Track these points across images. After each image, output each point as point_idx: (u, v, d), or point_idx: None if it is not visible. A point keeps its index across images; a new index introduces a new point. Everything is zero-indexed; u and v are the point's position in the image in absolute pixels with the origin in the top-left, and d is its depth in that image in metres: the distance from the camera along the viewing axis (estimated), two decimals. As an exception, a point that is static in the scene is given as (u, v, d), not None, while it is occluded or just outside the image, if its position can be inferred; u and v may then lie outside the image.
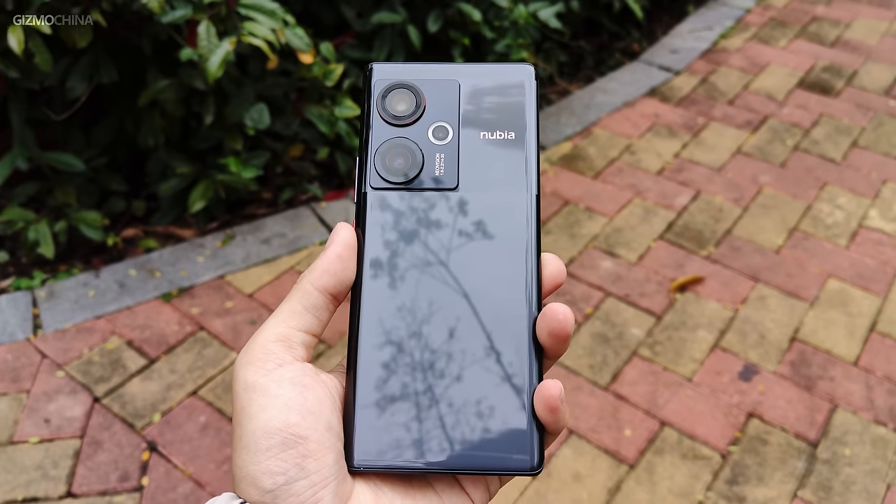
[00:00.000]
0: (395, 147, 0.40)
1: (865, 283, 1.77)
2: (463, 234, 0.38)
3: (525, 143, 0.40)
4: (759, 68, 2.59)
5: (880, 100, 2.45)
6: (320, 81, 1.75)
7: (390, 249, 0.38)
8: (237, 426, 0.34)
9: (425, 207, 0.39)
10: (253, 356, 0.35)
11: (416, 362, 0.37)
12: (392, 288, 0.38)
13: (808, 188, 2.06)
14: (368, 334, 0.37)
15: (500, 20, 2.02)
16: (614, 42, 2.71)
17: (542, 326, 0.37)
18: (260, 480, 0.33)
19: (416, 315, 0.37)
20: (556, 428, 0.36)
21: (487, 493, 0.38)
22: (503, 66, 0.41)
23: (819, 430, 1.46)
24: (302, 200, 1.95)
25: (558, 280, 0.38)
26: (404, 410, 0.36)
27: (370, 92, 0.41)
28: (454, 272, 0.38)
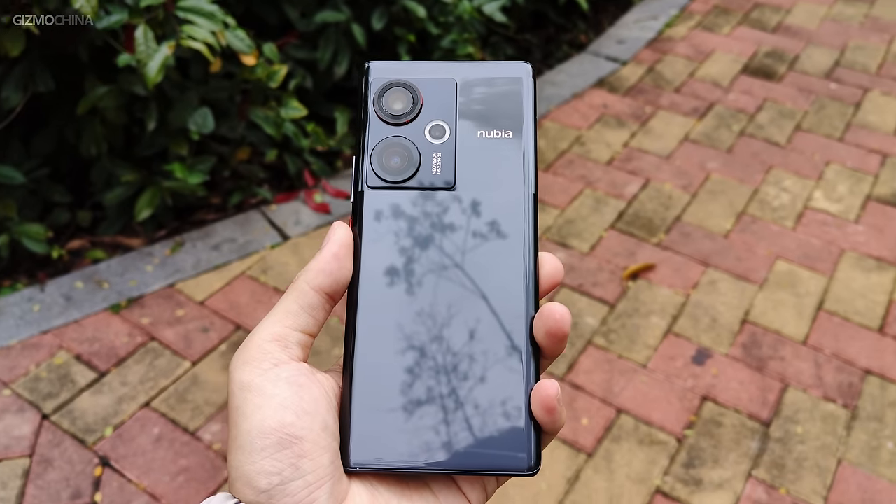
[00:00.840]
0: (391, 146, 0.39)
1: (812, 263, 1.81)
2: (459, 233, 0.38)
3: (522, 141, 0.39)
4: (704, 56, 2.63)
5: (822, 83, 2.50)
6: (264, 83, 1.73)
7: (387, 249, 0.38)
8: (233, 426, 0.34)
9: (422, 206, 0.39)
10: (248, 356, 0.35)
11: (413, 362, 0.37)
12: (388, 287, 0.37)
13: (755, 172, 2.10)
14: (365, 334, 0.37)
15: (444, 16, 2.02)
16: (561, 34, 2.72)
17: (539, 326, 0.36)
18: (255, 480, 0.32)
19: (412, 314, 0.37)
20: (553, 428, 0.36)
21: (484, 493, 0.38)
22: (500, 64, 0.41)
23: (771, 410, 1.49)
24: (251, 204, 1.92)
25: (556, 279, 0.38)
26: (400, 410, 0.36)
27: (367, 91, 0.40)
28: (451, 271, 0.38)
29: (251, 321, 1.61)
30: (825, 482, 1.37)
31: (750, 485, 1.36)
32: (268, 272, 1.73)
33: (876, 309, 1.69)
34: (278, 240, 1.82)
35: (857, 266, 1.80)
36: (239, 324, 1.61)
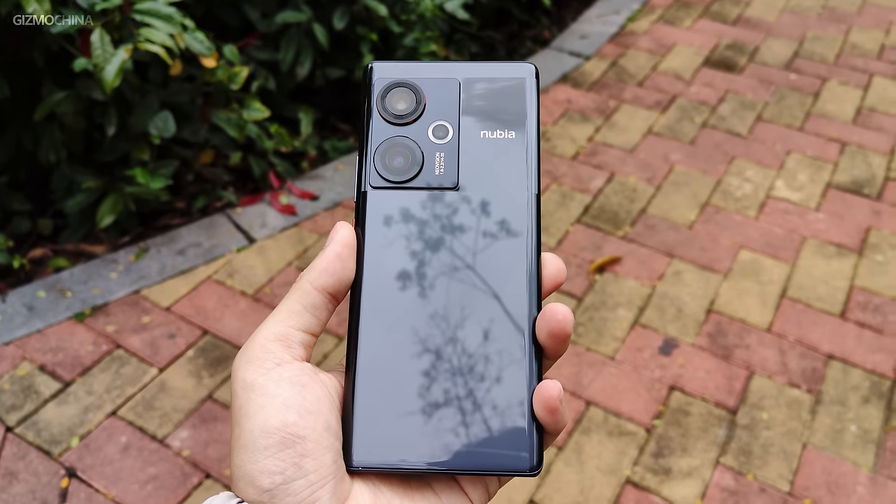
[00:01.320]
0: (394, 146, 0.39)
1: (775, 251, 1.84)
2: (462, 233, 0.38)
3: (525, 142, 0.39)
4: (666, 49, 2.65)
5: (781, 74, 2.54)
6: (226, 85, 1.72)
7: (390, 249, 0.38)
8: (235, 425, 0.34)
9: (425, 207, 0.39)
10: (252, 355, 0.35)
11: (416, 362, 0.37)
12: (391, 287, 0.37)
13: (717, 163, 2.12)
14: (368, 334, 0.37)
15: (406, 14, 2.02)
16: (525, 30, 2.73)
17: (541, 327, 0.36)
18: (258, 480, 0.32)
19: (415, 315, 0.37)
20: (555, 428, 0.36)
21: (486, 493, 0.38)
22: (503, 64, 0.41)
23: (737, 397, 1.51)
24: (217, 208, 1.91)
25: (558, 280, 0.38)
26: (403, 410, 0.36)
27: (370, 91, 0.40)
28: (453, 272, 0.38)
29: (218, 326, 1.60)
30: (791, 466, 1.39)
31: (718, 472, 1.38)
32: (234, 276, 1.72)
33: (837, 295, 1.73)
34: (244, 243, 1.80)
35: (818, 253, 1.83)
36: (206, 329, 1.59)
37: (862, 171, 2.10)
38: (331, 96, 2.21)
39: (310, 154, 2.09)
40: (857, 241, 1.87)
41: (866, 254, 1.84)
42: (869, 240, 1.88)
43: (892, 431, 1.45)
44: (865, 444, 1.43)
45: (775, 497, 1.35)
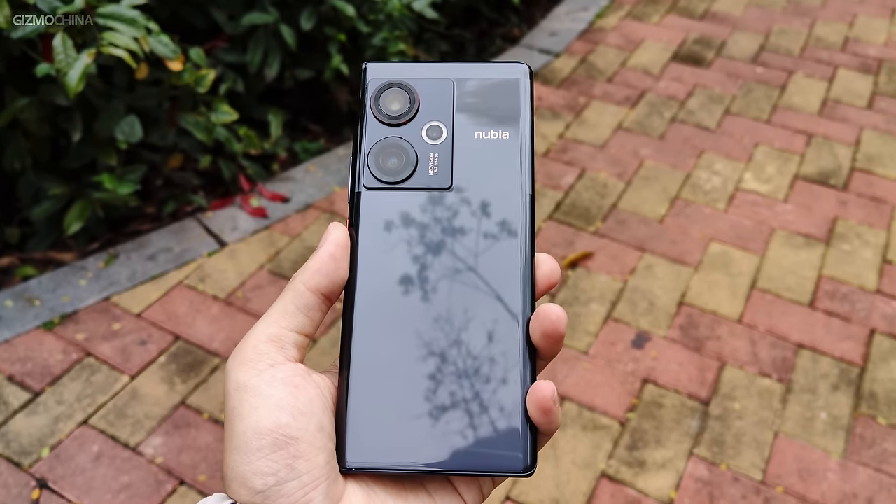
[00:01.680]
0: (388, 146, 0.39)
1: (744, 243, 1.86)
2: (456, 234, 0.38)
3: (519, 142, 0.39)
4: (634, 45, 2.67)
5: (748, 67, 2.56)
6: (193, 88, 1.70)
7: (383, 249, 0.38)
8: (228, 427, 0.34)
9: (419, 207, 0.38)
10: (244, 356, 0.35)
11: (409, 363, 0.37)
12: (385, 288, 0.37)
13: (687, 157, 2.14)
14: (361, 335, 0.37)
15: (374, 14, 2.01)
16: (494, 29, 2.74)
17: (535, 327, 0.36)
18: (250, 481, 0.32)
19: (408, 316, 0.37)
20: (549, 429, 0.36)
21: (481, 494, 0.38)
22: (498, 65, 0.41)
23: (710, 389, 1.52)
24: (187, 212, 1.89)
25: (552, 280, 0.38)
26: (397, 411, 0.36)
27: (364, 91, 0.40)
28: (447, 272, 0.38)
29: (190, 331, 1.59)
30: (763, 455, 1.41)
31: (692, 463, 1.40)
32: (206, 280, 1.70)
33: (806, 284, 1.75)
34: (215, 247, 1.79)
35: (787, 244, 1.86)
36: (178, 334, 1.58)
37: (828, 162, 2.13)
38: (301, 97, 2.21)
39: (280, 156, 2.08)
40: (824, 231, 1.90)
41: (834, 243, 1.86)
42: (836, 229, 1.90)
43: (860, 418, 1.48)
44: (835, 431, 1.45)
45: (748, 486, 1.36)
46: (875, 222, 1.93)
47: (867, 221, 1.93)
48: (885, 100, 2.41)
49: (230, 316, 1.63)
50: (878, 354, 1.60)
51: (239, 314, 1.63)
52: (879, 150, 2.18)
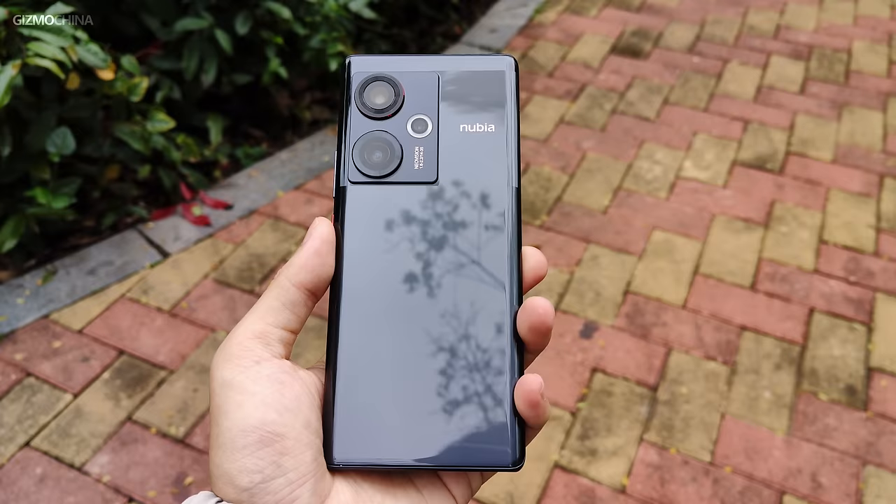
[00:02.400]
0: (373, 140, 0.39)
1: (686, 230, 1.89)
2: (442, 228, 0.38)
3: (505, 135, 0.39)
4: (573, 39, 2.70)
5: (685, 57, 2.61)
6: (126, 97, 1.67)
7: (369, 244, 0.37)
8: (214, 424, 0.34)
9: (404, 201, 0.38)
10: (230, 353, 0.34)
11: (396, 358, 0.36)
12: (371, 283, 0.37)
13: (628, 148, 2.17)
14: (347, 330, 0.37)
15: (311, 16, 2.00)
16: (435, 27, 2.74)
17: (522, 320, 0.36)
18: (236, 479, 0.32)
19: (395, 311, 0.37)
20: (537, 422, 0.36)
21: (469, 488, 0.38)
22: (482, 58, 0.41)
23: (657, 375, 1.55)
24: (127, 224, 1.85)
25: (539, 273, 0.38)
26: (384, 407, 0.36)
27: (349, 85, 0.40)
28: (434, 267, 0.37)
29: (135, 345, 1.56)
30: (711, 437, 1.44)
31: (642, 449, 1.42)
32: (149, 292, 1.67)
33: (747, 268, 1.79)
34: (158, 258, 1.76)
35: (727, 229, 1.90)
36: (122, 349, 1.55)
37: (764, 148, 2.19)
38: (241, 102, 2.18)
39: (222, 163, 2.05)
40: (762, 214, 1.95)
41: (772, 226, 1.91)
42: (774, 213, 1.95)
43: (803, 395, 1.52)
44: (779, 409, 1.49)
45: (697, 468, 1.39)
46: (811, 204, 1.98)
47: (803, 203, 1.98)
48: (816, 84, 2.47)
49: (175, 327, 1.60)
50: (817, 332, 1.64)
51: (184, 325, 1.60)
52: (812, 133, 2.25)
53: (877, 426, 1.46)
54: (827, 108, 2.36)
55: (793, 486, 1.36)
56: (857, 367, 1.57)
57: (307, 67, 2.12)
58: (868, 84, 2.48)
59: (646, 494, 1.35)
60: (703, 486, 1.36)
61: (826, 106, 2.37)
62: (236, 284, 1.70)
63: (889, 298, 1.72)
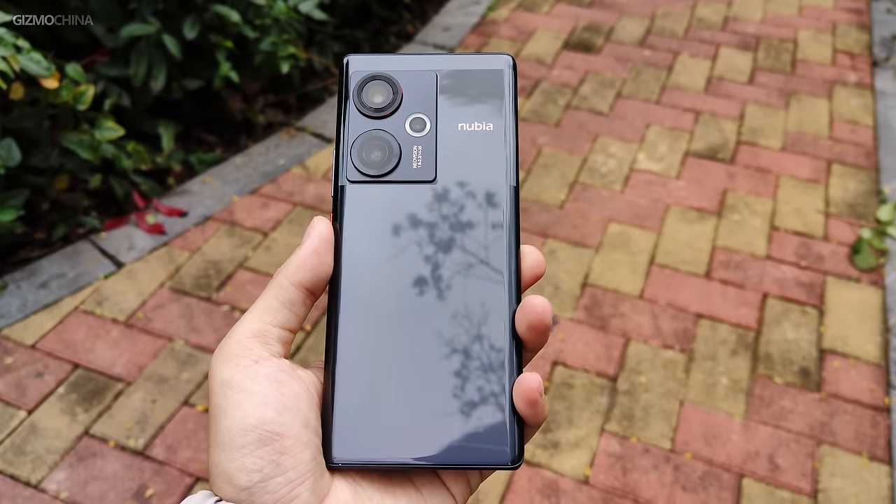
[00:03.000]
0: (371, 139, 0.39)
1: (641, 221, 1.92)
2: (441, 226, 0.38)
3: (503, 134, 0.39)
4: (526, 35, 2.72)
5: (636, 51, 2.64)
6: (72, 106, 1.64)
7: (368, 243, 0.38)
8: (213, 423, 0.34)
9: (403, 200, 0.38)
10: (229, 352, 0.34)
11: (395, 357, 0.36)
12: (370, 282, 0.37)
13: (583, 142, 2.19)
14: (346, 329, 0.37)
15: (260, 18, 1.98)
16: (388, 27, 2.73)
17: (520, 319, 0.36)
18: (236, 478, 0.32)
19: (394, 310, 0.37)
20: (535, 420, 0.36)
21: (468, 487, 0.38)
22: (480, 56, 0.41)
23: (616, 365, 1.57)
24: (79, 235, 1.82)
25: (538, 272, 0.38)
26: (383, 406, 0.36)
27: (347, 84, 0.40)
28: (432, 266, 0.37)
29: (90, 358, 1.53)
30: (671, 424, 1.46)
31: (604, 439, 1.43)
32: (104, 304, 1.64)
33: (701, 257, 1.82)
34: (112, 268, 1.73)
35: (681, 219, 1.93)
36: (76, 362, 1.52)
37: (716, 138, 2.22)
38: (193, 108, 2.15)
39: (175, 169, 2.02)
40: (715, 203, 1.98)
41: (725, 215, 1.94)
42: (726, 201, 1.99)
43: (759, 379, 1.55)
44: (736, 394, 1.52)
45: (658, 455, 1.41)
46: (762, 191, 2.02)
47: (754, 192, 2.02)
48: (764, 74, 2.52)
49: (132, 338, 1.58)
50: (771, 317, 1.67)
51: (141, 335, 1.58)
52: (762, 122, 2.29)
53: (830, 406, 1.50)
54: (775, 97, 2.41)
55: (751, 468, 1.39)
56: (809, 350, 1.61)
57: (259, 71, 2.10)
58: (814, 73, 2.53)
59: (608, 484, 1.36)
60: (664, 474, 1.38)
61: (774, 95, 2.42)
62: (193, 292, 1.68)
63: (839, 281, 1.76)
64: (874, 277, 1.78)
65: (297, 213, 1.90)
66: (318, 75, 2.41)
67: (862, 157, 2.16)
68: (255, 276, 1.72)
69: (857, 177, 2.08)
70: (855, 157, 2.16)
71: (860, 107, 2.37)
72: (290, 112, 2.29)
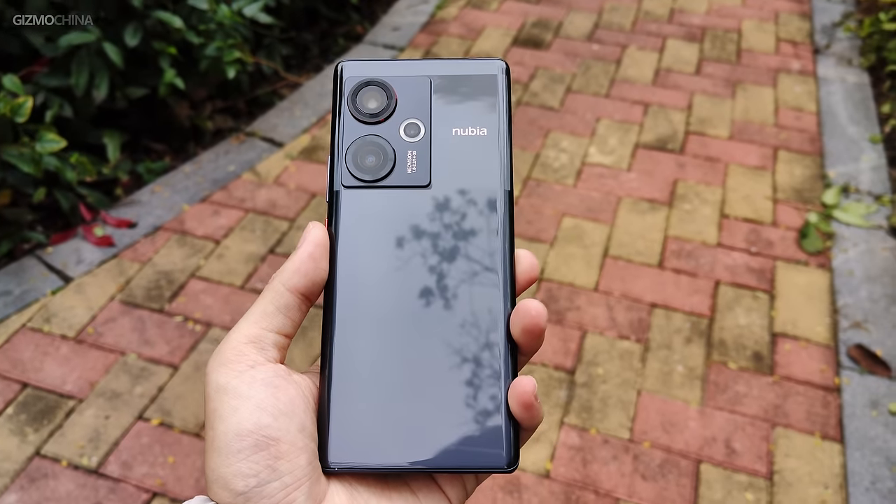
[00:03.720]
0: (366, 145, 0.39)
1: (594, 214, 1.93)
2: (436, 231, 0.38)
3: (497, 138, 0.39)
4: (476, 33, 2.72)
5: (585, 46, 2.66)
6: (10, 118, 1.60)
7: (363, 248, 0.38)
8: (209, 428, 0.34)
9: (398, 205, 0.38)
10: (224, 358, 0.35)
11: (390, 362, 0.36)
12: (365, 287, 0.37)
13: (535, 138, 2.20)
14: (342, 334, 0.37)
15: (204, 24, 1.95)
16: (336, 28, 2.72)
17: (515, 323, 0.36)
18: (232, 483, 0.32)
19: (389, 314, 0.37)
20: (530, 424, 0.36)
21: (464, 491, 0.38)
22: (474, 62, 0.41)
23: (574, 358, 1.58)
24: (25, 250, 1.77)
25: (532, 276, 0.38)
26: (379, 410, 0.36)
27: (341, 90, 0.40)
28: (427, 270, 0.38)
29: (39, 376, 1.49)
30: (629, 414, 1.48)
31: (564, 432, 1.44)
32: (52, 320, 1.61)
33: (653, 247, 1.84)
34: (59, 283, 1.69)
35: (633, 210, 1.95)
36: (25, 381, 1.48)
37: (665, 129, 2.25)
38: (139, 116, 2.11)
39: (123, 180, 1.99)
40: (666, 194, 2.00)
41: (676, 205, 1.97)
42: (677, 191, 2.01)
43: (713, 365, 1.57)
44: (692, 382, 1.54)
45: (617, 446, 1.42)
46: (711, 180, 2.05)
47: (704, 181, 2.05)
48: (710, 65, 2.56)
49: (82, 354, 1.54)
50: (723, 304, 1.70)
51: (92, 351, 1.55)
52: (709, 112, 2.32)
53: (783, 388, 1.53)
54: (722, 86, 2.45)
55: (708, 454, 1.41)
56: (762, 334, 1.63)
57: (205, 77, 2.07)
58: (758, 61, 2.58)
59: (569, 477, 1.37)
60: (623, 464, 1.39)
61: (721, 85, 2.46)
62: (145, 304, 1.65)
63: (788, 266, 1.80)
64: (822, 260, 1.82)
65: (249, 219, 1.88)
66: (266, 79, 2.38)
67: (807, 142, 2.20)
68: (208, 286, 1.70)
69: (802, 162, 2.13)
70: (800, 143, 2.20)
71: (804, 94, 2.42)
72: (239, 117, 2.27)
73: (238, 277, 1.72)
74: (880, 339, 1.63)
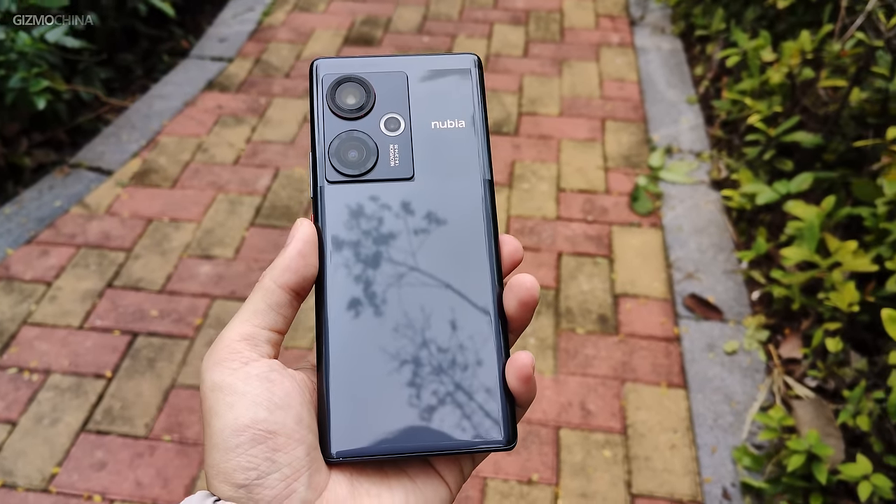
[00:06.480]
0: (348, 140, 0.40)
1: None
2: (422, 221, 0.39)
3: (475, 129, 0.41)
4: (305, 37, 2.69)
5: (416, 38, 2.70)
6: None
7: (351, 242, 0.38)
8: (207, 426, 0.34)
9: (383, 198, 0.39)
10: (218, 357, 0.35)
11: (385, 349, 0.37)
12: (355, 280, 0.38)
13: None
14: (335, 326, 0.37)
15: (3, 54, 1.83)
16: (159, 45, 2.62)
17: (510, 298, 0.37)
18: (232, 476, 0.33)
19: (381, 303, 0.37)
20: (527, 399, 0.37)
21: (461, 475, 0.38)
22: (446, 56, 0.42)
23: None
24: None
25: (516, 258, 0.39)
26: (376, 398, 0.36)
27: (319, 87, 0.40)
28: (416, 259, 0.38)
29: None
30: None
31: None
32: None
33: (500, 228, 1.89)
34: None
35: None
36: None
37: (499, 113, 2.31)
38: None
39: (-66, 231, 1.84)
40: (505, 175, 2.06)
41: (515, 185, 2.03)
42: (515, 172, 2.08)
43: (563, 333, 1.63)
44: (545, 352, 1.60)
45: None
46: (546, 157, 2.13)
47: (539, 159, 2.12)
48: (537, 46, 2.65)
49: None
50: (566, 273, 1.77)
51: None
52: (539, 91, 2.41)
53: (628, 345, 1.61)
54: (549, 66, 2.54)
55: (566, 419, 1.47)
56: (604, 297, 1.72)
57: (14, 110, 1.95)
58: (581, 38, 2.69)
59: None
60: (486, 442, 1.43)
61: (548, 64, 2.55)
62: (-28, 360, 1.54)
63: (622, 229, 1.89)
64: (653, 220, 1.92)
65: (82, 254, 1.79)
66: (88, 106, 2.27)
67: (631, 111, 2.33)
68: (42, 331, 1.60)
69: (628, 129, 2.24)
70: (625, 112, 2.32)
71: (625, 65, 2.55)
72: (62, 149, 2.15)
73: (75, 318, 1.63)
74: (711, 286, 1.74)
